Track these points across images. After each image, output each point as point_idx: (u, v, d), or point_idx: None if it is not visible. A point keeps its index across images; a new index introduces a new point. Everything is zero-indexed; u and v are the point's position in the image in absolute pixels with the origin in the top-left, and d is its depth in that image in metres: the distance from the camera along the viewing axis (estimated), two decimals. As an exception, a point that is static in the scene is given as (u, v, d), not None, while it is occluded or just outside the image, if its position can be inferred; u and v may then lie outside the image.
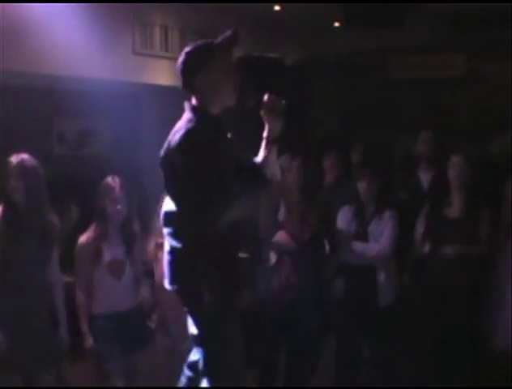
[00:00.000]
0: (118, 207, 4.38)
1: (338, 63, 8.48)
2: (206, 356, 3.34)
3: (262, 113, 3.35)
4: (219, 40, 3.34)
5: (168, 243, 3.33)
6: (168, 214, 3.31)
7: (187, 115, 3.29)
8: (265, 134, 3.39)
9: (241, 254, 5.55)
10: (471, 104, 7.89)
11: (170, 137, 3.26)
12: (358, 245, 5.09)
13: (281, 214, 4.95)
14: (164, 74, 6.95)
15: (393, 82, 8.48)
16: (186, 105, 3.33)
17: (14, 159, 4.03)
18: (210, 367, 3.33)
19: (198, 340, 3.38)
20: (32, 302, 3.98)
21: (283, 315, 4.85)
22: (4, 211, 4.00)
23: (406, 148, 6.55)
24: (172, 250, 3.29)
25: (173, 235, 3.27)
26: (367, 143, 6.98)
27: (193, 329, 3.41)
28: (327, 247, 5.03)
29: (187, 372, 3.54)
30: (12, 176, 4.00)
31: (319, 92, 8.44)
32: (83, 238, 4.45)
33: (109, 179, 4.44)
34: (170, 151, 3.19)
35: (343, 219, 5.21)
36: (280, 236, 4.89)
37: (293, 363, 4.98)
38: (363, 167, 5.89)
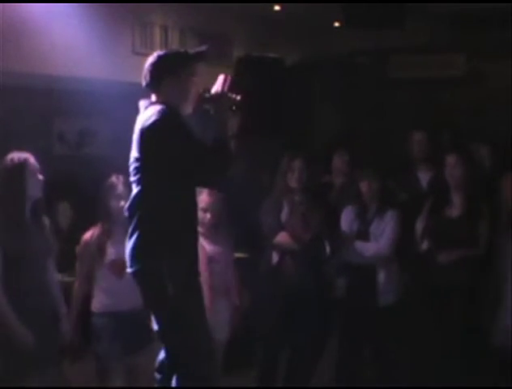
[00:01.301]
0: (122, 203, 4.38)
1: (338, 63, 8.46)
2: (169, 353, 3.34)
3: (212, 111, 3.44)
4: (191, 51, 3.54)
5: (131, 226, 3.37)
6: (134, 197, 3.40)
7: (151, 107, 3.43)
8: (219, 132, 3.39)
9: (241, 254, 5.58)
10: (471, 104, 7.88)
11: (140, 126, 3.41)
12: (358, 245, 5.10)
13: (284, 214, 4.95)
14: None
15: (393, 82, 8.48)
16: (145, 102, 3.51)
17: (25, 156, 3.96)
18: (176, 364, 3.32)
19: (160, 335, 3.37)
20: (39, 300, 3.98)
21: (283, 315, 4.86)
22: (15, 209, 3.92)
23: (406, 148, 6.54)
24: (136, 232, 3.34)
25: (140, 216, 3.34)
26: (367, 143, 6.99)
27: (155, 324, 3.40)
28: (328, 248, 5.03)
29: (157, 375, 3.50)
30: (29, 172, 3.92)
31: (319, 92, 8.44)
32: (86, 236, 4.43)
33: (113, 177, 4.45)
34: (148, 131, 3.34)
35: (346, 219, 5.21)
36: (282, 236, 4.89)
37: (293, 363, 4.98)
38: (364, 167, 5.89)
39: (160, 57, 3.52)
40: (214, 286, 4.50)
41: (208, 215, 4.66)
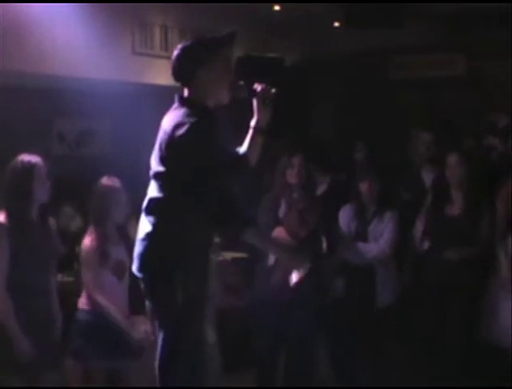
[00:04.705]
0: (118, 207, 4.38)
1: (338, 63, 8.46)
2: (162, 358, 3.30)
3: (254, 101, 3.46)
4: (220, 36, 3.35)
5: (143, 229, 3.31)
6: (154, 200, 3.30)
7: (183, 109, 3.28)
8: (252, 123, 3.50)
9: (241, 254, 5.58)
10: (471, 104, 7.87)
11: (169, 130, 3.23)
12: (358, 245, 5.10)
13: (281, 211, 4.96)
14: (164, 74, 6.91)
15: (393, 82, 8.47)
16: (178, 98, 3.35)
17: (35, 159, 3.96)
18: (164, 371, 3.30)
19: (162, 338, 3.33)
20: (42, 303, 3.99)
21: (280, 314, 4.85)
22: (22, 211, 3.92)
23: (407, 149, 6.56)
24: (151, 236, 3.27)
25: (158, 222, 3.26)
26: (367, 143, 6.99)
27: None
28: (325, 246, 5.03)
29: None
30: (38, 177, 3.93)
31: (319, 92, 8.44)
32: (87, 241, 4.39)
33: (106, 179, 4.42)
34: (174, 145, 3.18)
35: (344, 218, 5.22)
36: (278, 232, 4.90)
37: (291, 362, 4.98)
38: (365, 167, 5.89)
39: (188, 48, 3.32)
40: None
41: None
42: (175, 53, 3.35)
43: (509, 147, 6.22)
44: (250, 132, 3.52)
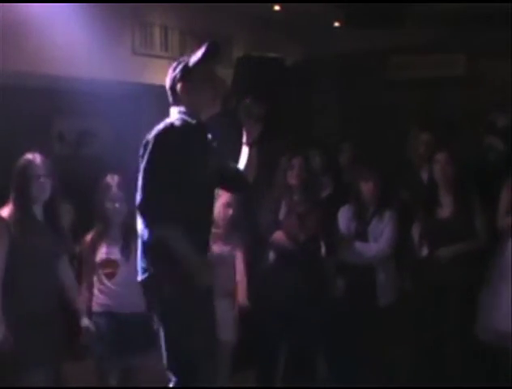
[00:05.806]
0: (116, 205, 4.38)
1: (338, 63, 8.47)
2: (167, 354, 3.36)
3: (239, 117, 3.52)
4: (195, 53, 3.50)
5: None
6: (139, 204, 3.41)
7: (169, 118, 3.44)
8: (244, 138, 3.57)
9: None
10: (471, 104, 7.87)
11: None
12: (357, 245, 5.10)
13: (281, 213, 4.96)
14: (164, 74, 6.88)
15: (393, 82, 8.47)
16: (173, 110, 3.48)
17: (31, 157, 4.02)
18: (171, 364, 3.35)
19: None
20: (40, 303, 3.99)
21: (280, 315, 4.85)
22: (22, 209, 3.97)
23: (407, 148, 6.56)
24: (141, 242, 3.38)
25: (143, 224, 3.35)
26: (367, 144, 6.99)
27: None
28: (323, 249, 5.04)
29: (169, 375, 3.50)
30: (34, 174, 3.98)
31: (319, 92, 8.44)
32: (85, 238, 4.48)
33: (108, 178, 4.46)
34: (145, 143, 3.36)
35: (343, 218, 5.22)
36: (277, 235, 4.90)
37: (291, 363, 4.98)
38: (366, 167, 5.89)
39: (171, 69, 3.56)
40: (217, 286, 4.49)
41: (230, 211, 4.70)
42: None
43: (509, 147, 6.21)
44: (243, 148, 3.59)
